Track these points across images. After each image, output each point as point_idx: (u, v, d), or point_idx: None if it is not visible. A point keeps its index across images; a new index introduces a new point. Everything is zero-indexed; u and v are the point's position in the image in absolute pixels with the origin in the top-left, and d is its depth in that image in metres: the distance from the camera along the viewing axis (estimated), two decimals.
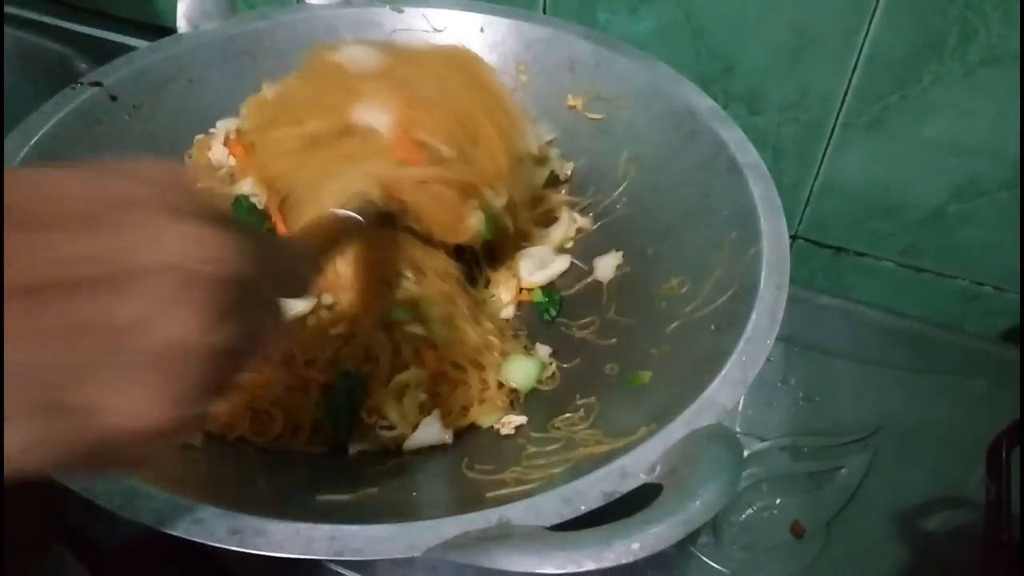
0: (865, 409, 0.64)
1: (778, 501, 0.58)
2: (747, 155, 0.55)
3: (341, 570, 0.55)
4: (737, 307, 0.47)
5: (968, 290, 0.75)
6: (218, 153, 0.63)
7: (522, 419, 0.52)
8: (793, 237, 0.78)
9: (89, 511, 0.58)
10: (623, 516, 0.35)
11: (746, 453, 0.61)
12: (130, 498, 0.36)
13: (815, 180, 0.73)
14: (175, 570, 0.59)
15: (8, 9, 0.97)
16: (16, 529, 0.55)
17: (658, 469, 0.38)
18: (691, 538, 0.56)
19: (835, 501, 0.58)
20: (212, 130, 0.65)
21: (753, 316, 0.45)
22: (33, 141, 0.54)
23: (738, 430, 0.63)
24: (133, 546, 0.60)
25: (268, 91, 0.65)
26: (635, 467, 0.38)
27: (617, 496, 0.37)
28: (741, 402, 0.66)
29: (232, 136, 0.64)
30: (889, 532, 0.57)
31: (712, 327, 0.48)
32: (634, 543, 0.32)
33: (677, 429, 0.40)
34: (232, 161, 0.63)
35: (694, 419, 0.40)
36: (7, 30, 0.94)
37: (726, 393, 0.42)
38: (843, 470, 0.60)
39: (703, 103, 0.60)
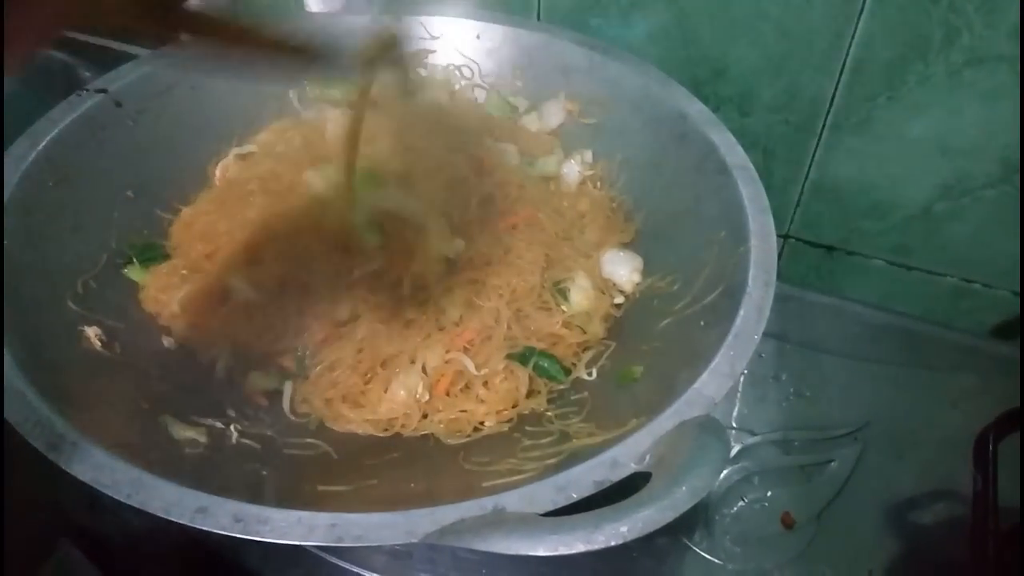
0: (855, 404, 0.66)
1: (769, 493, 0.60)
2: (736, 157, 0.56)
3: (345, 564, 0.56)
4: (725, 303, 0.48)
5: (958, 287, 0.76)
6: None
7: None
8: (785, 236, 0.80)
9: (96, 509, 0.60)
10: (615, 503, 0.36)
11: (738, 447, 0.62)
12: (137, 488, 0.37)
13: (806, 180, 0.75)
14: (181, 567, 0.60)
15: None
16: (24, 527, 0.56)
17: (648, 458, 0.39)
18: (684, 529, 0.57)
19: (825, 493, 0.60)
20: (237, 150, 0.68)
21: (741, 312, 0.47)
22: (41, 146, 0.55)
23: (733, 425, 0.64)
24: (140, 543, 0.61)
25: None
26: (626, 457, 0.40)
27: (608, 484, 0.39)
28: (737, 399, 0.67)
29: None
30: (878, 523, 0.59)
31: (701, 323, 0.50)
32: (623, 526, 0.34)
33: (667, 420, 0.41)
34: None
35: (683, 411, 0.42)
36: None
37: (714, 386, 0.43)
38: (833, 463, 0.61)
39: (693, 107, 0.61)
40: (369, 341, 0.55)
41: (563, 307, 0.58)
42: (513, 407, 0.53)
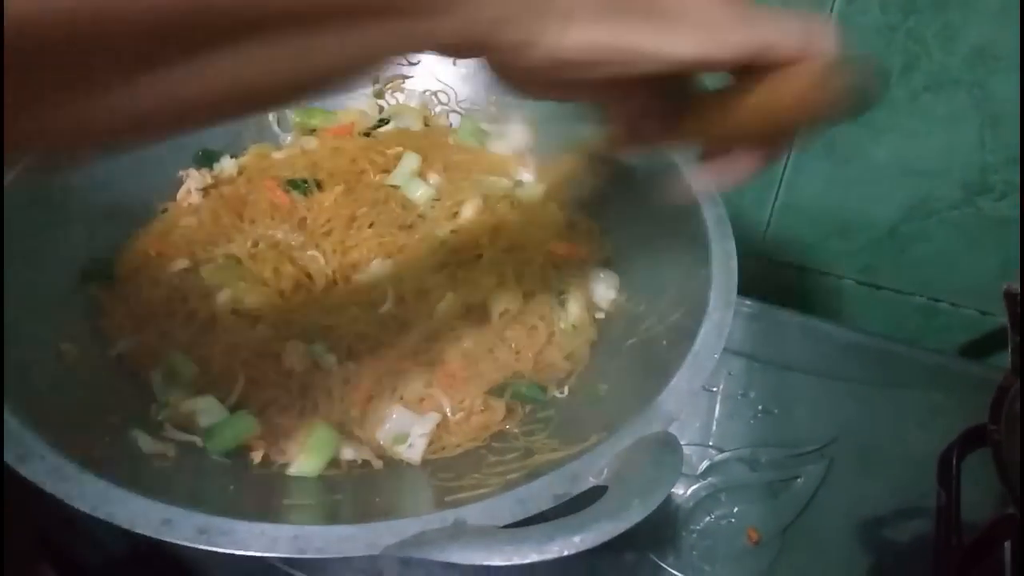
0: (822, 421, 0.67)
1: (736, 510, 0.60)
2: (699, 180, 0.58)
3: None
4: (687, 323, 0.50)
5: (925, 307, 0.77)
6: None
7: None
8: (756, 257, 0.81)
9: (71, 529, 0.60)
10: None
11: (706, 464, 0.63)
12: (103, 501, 0.38)
13: (775, 202, 0.76)
14: None
15: None
16: (2, 550, 0.56)
17: (605, 472, 0.40)
18: (652, 546, 0.58)
19: (791, 509, 0.61)
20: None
21: (702, 331, 0.48)
22: (18, 166, 0.56)
23: (710, 444, 0.65)
24: (115, 564, 0.61)
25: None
26: (585, 471, 0.41)
27: (568, 498, 0.40)
28: (716, 417, 0.68)
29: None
30: (843, 539, 0.59)
31: (664, 342, 0.51)
32: (576, 537, 0.34)
33: (626, 436, 0.42)
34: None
35: (643, 427, 0.43)
36: None
37: (673, 403, 0.44)
38: (799, 479, 0.62)
39: None
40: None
41: (560, 321, 0.59)
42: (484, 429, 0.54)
